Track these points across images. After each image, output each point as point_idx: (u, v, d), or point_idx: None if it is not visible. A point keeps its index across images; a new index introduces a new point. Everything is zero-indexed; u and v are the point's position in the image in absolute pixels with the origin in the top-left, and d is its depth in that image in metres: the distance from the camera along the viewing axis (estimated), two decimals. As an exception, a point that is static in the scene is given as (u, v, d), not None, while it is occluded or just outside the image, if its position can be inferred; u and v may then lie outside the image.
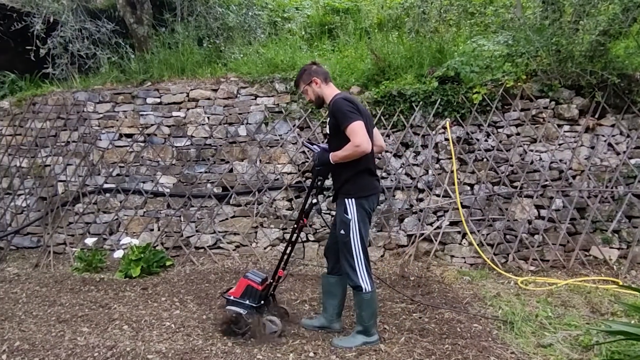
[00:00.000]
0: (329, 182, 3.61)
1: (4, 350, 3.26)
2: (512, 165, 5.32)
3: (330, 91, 3.32)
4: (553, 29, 5.28)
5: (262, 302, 3.39)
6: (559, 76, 5.21)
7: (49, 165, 6.21)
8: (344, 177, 3.17)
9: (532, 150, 5.31)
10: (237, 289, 3.41)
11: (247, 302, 3.34)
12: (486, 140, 5.45)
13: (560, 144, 5.31)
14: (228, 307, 3.42)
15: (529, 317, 3.70)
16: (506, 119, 5.41)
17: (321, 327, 3.51)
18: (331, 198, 3.41)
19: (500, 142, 5.37)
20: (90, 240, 5.55)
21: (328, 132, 3.29)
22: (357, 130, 2.96)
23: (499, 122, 5.44)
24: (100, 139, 6.14)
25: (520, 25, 5.68)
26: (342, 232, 3.16)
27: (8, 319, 3.88)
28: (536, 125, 5.36)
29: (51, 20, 6.63)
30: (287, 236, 5.59)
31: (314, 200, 3.37)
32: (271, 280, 3.50)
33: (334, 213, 3.72)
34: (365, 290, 3.11)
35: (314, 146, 3.37)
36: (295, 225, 3.48)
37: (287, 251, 3.52)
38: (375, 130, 3.44)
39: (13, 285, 4.87)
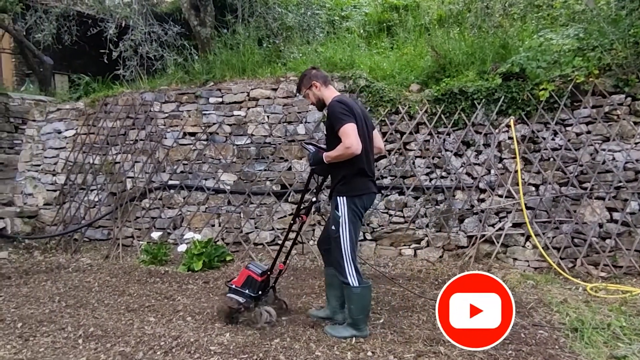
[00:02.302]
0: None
1: (80, 334, 3.48)
2: (581, 165, 5.04)
3: (329, 93, 3.44)
4: (631, 19, 4.95)
5: (260, 292, 3.60)
6: (637, 70, 4.88)
7: (119, 163, 6.56)
8: (339, 176, 3.29)
9: (604, 150, 5.00)
10: (239, 279, 3.63)
11: (247, 291, 3.57)
12: (553, 139, 5.19)
13: (636, 143, 4.96)
14: (229, 295, 3.62)
15: (600, 326, 3.48)
16: (575, 116, 5.13)
17: (326, 317, 3.65)
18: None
19: (569, 140, 5.10)
20: (155, 234, 5.82)
21: (325, 132, 3.46)
22: (348, 132, 3.07)
23: (568, 120, 5.17)
24: (166, 138, 6.42)
25: (593, 16, 5.36)
26: (333, 228, 3.30)
27: (83, 306, 4.14)
28: (609, 123, 5.05)
29: (123, 24, 7.01)
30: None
31: (314, 199, 3.52)
32: (270, 273, 3.66)
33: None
34: (353, 285, 3.22)
35: (310, 146, 3.49)
36: (293, 222, 3.66)
37: (288, 246, 3.76)
38: (375, 132, 3.55)
39: (86, 275, 5.19)
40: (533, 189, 5.19)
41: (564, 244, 4.94)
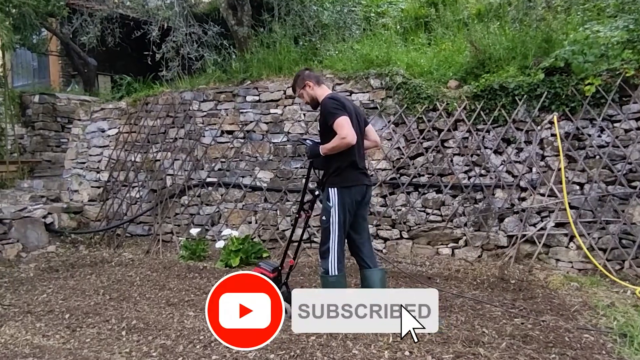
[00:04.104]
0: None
1: (124, 327, 3.60)
2: (630, 163, 4.81)
3: (322, 92, 3.55)
4: (685, 9, 4.69)
5: None
6: (691, 63, 4.62)
7: (159, 160, 6.74)
8: (331, 169, 3.40)
9: (655, 147, 4.77)
10: None
11: None
12: (599, 136, 4.99)
13: (690, 140, 4.71)
14: None
15: (651, 332, 3.33)
16: (624, 112, 4.91)
17: None
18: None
19: (617, 137, 4.88)
20: (194, 231, 5.95)
21: (319, 129, 3.55)
22: (342, 123, 3.20)
23: (616, 116, 4.95)
24: (204, 136, 6.54)
25: (645, 7, 5.11)
26: (324, 218, 3.40)
27: (126, 300, 4.28)
28: (661, 119, 4.81)
29: (165, 26, 7.18)
30: (381, 232, 5.58)
31: (317, 192, 3.60)
32: (280, 269, 3.72)
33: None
34: (331, 273, 3.34)
35: (307, 141, 3.61)
36: (297, 216, 3.78)
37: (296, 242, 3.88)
38: (369, 127, 3.70)
39: (128, 269, 5.36)
40: (577, 187, 5.01)
41: (610, 245, 4.74)
